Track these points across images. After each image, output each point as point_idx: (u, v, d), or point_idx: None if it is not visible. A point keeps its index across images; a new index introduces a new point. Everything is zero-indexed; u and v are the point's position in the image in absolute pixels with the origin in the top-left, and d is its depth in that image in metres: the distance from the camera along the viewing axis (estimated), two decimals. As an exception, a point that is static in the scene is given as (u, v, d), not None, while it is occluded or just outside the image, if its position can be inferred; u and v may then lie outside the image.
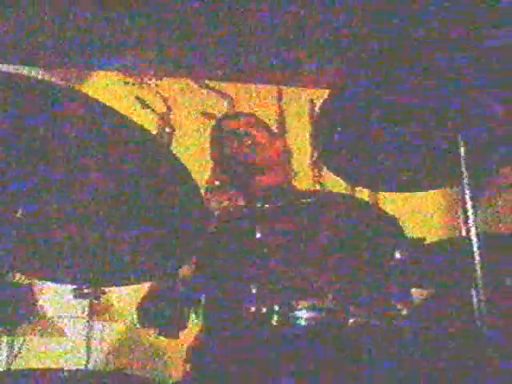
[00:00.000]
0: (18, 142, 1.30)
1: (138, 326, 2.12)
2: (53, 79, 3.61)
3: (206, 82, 3.85)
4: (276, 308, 1.49)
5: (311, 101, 3.70)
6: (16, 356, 2.73)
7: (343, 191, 2.87)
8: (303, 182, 3.36)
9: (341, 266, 1.56)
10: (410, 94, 1.50)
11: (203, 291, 1.97)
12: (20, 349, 2.74)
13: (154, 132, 3.06)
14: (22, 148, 1.32)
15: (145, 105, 3.28)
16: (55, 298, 3.14)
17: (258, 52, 3.83)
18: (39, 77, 1.18)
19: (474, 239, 1.38)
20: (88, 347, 2.76)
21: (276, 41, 3.78)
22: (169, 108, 3.40)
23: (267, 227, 1.61)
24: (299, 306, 1.48)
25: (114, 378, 1.76)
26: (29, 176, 1.37)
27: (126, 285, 1.88)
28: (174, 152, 1.35)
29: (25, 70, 3.64)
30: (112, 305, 3.03)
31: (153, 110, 3.38)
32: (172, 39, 3.74)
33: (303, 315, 1.48)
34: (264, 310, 1.50)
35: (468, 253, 1.38)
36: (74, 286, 2.77)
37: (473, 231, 1.39)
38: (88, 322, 2.81)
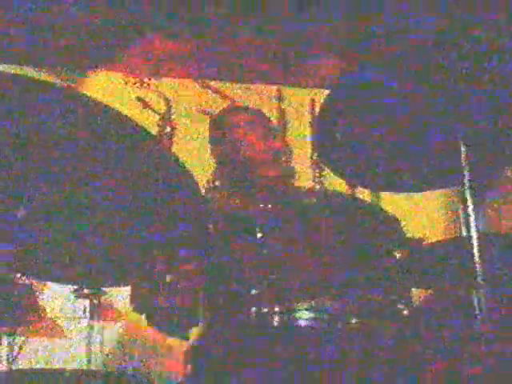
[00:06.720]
0: (18, 142, 1.30)
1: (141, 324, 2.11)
2: (53, 79, 3.61)
3: (206, 81, 3.85)
4: (276, 309, 1.49)
5: (311, 101, 3.69)
6: (16, 356, 2.72)
7: (343, 191, 2.86)
8: (303, 182, 3.36)
9: (341, 266, 1.56)
10: (410, 94, 1.50)
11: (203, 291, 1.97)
12: (20, 349, 2.74)
13: (155, 132, 3.05)
14: (22, 148, 1.32)
15: (145, 105, 3.27)
16: (55, 298, 3.14)
17: (258, 52, 3.83)
18: (39, 77, 1.18)
19: (474, 239, 1.38)
20: (88, 347, 2.76)
21: (276, 40, 3.77)
22: (169, 108, 3.38)
23: (268, 227, 1.61)
24: (300, 307, 1.48)
25: (114, 378, 1.76)
26: (29, 176, 1.37)
27: (126, 285, 1.88)
28: (174, 152, 1.35)
29: (25, 70, 3.63)
30: (112, 305, 3.03)
31: (153, 109, 3.37)
32: (172, 39, 3.74)
33: (304, 316, 1.48)
34: (265, 310, 1.50)
35: (468, 253, 1.38)
36: (74, 286, 2.76)
37: (473, 231, 1.39)
38: (88, 322, 2.81)
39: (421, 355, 1.56)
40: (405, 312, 1.57)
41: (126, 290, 2.29)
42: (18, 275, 2.35)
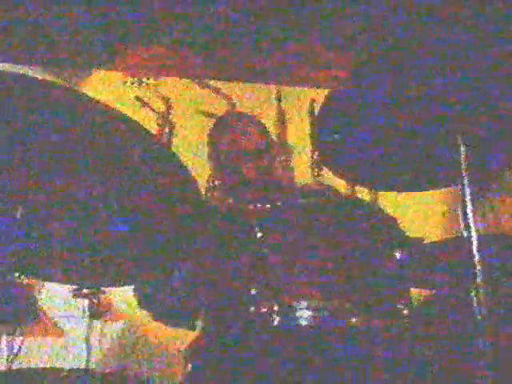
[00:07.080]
0: (18, 142, 1.30)
1: (148, 321, 2.12)
2: (53, 79, 3.60)
3: (206, 81, 3.85)
4: (276, 308, 1.49)
5: (311, 101, 3.69)
6: (16, 356, 2.72)
7: (343, 191, 2.86)
8: (303, 181, 3.36)
9: (341, 266, 1.56)
10: (410, 94, 1.50)
11: (203, 291, 1.97)
12: (20, 349, 2.73)
13: (154, 131, 3.05)
14: (22, 148, 1.32)
15: (144, 104, 3.27)
16: (55, 298, 3.13)
17: (258, 52, 3.83)
18: (39, 77, 1.18)
19: (474, 239, 1.38)
20: (88, 347, 2.75)
21: (276, 41, 3.77)
22: (168, 107, 3.39)
23: (268, 227, 1.61)
24: (299, 306, 1.48)
25: (114, 378, 1.75)
26: (28, 176, 1.37)
27: (126, 285, 1.88)
28: (174, 151, 1.35)
29: (25, 70, 3.63)
30: (112, 305, 3.02)
31: (152, 109, 3.38)
32: (172, 39, 3.74)
33: (304, 315, 1.48)
34: (264, 309, 1.50)
35: (468, 253, 1.38)
36: (74, 286, 2.76)
37: (473, 231, 1.39)
38: (88, 322, 2.81)
39: (421, 355, 1.56)
40: (405, 312, 1.57)
41: (126, 290, 2.29)
42: (17, 275, 2.35)
